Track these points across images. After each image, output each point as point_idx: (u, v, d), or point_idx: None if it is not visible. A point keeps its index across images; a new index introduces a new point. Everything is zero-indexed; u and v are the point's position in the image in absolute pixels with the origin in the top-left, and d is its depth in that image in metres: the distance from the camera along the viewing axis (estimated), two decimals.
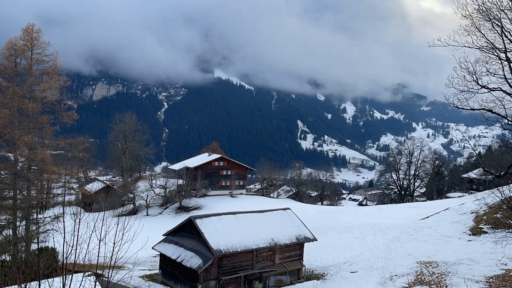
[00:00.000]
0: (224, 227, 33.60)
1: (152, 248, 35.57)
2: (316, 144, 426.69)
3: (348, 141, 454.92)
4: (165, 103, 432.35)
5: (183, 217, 61.14)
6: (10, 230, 38.21)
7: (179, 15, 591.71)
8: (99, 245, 12.69)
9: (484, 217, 41.27)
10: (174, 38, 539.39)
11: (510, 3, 22.38)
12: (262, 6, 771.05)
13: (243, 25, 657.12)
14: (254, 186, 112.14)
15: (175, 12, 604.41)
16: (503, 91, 24.10)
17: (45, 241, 37.49)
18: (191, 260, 31.62)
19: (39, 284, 12.17)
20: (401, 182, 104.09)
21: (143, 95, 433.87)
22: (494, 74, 23.93)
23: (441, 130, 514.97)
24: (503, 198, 26.07)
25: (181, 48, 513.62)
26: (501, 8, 22.45)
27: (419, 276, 29.99)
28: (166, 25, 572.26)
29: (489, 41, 23.42)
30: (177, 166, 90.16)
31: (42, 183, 47.90)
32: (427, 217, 51.59)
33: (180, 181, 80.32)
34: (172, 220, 64.25)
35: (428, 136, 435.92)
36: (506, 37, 22.97)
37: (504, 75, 23.56)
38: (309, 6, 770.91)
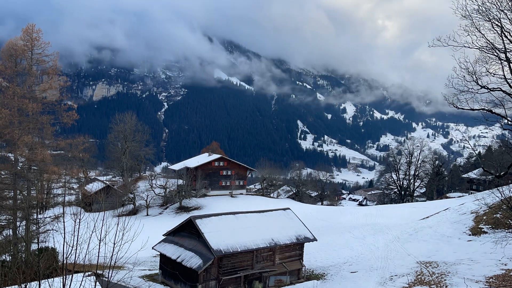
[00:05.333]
0: (224, 227, 33.60)
1: (152, 248, 35.59)
2: (316, 144, 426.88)
3: (348, 141, 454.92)
4: (165, 103, 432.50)
5: (183, 217, 61.22)
6: (10, 230, 38.21)
7: (180, 16, 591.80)
8: (99, 245, 12.68)
9: (484, 217, 41.23)
10: (174, 38, 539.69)
11: (510, 3, 22.39)
12: (262, 6, 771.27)
13: (243, 25, 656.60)
14: (254, 186, 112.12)
15: (175, 12, 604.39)
16: (503, 91, 24.09)
17: (45, 241, 37.50)
18: (191, 260, 31.62)
19: (39, 284, 12.15)
20: (401, 182, 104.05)
21: (143, 95, 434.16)
22: (494, 74, 23.93)
23: (441, 130, 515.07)
24: (503, 198, 26.06)
25: (181, 48, 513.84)
26: (500, 8, 22.45)
27: (419, 276, 29.98)
28: (166, 25, 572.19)
29: (489, 41, 23.42)
30: (177, 166, 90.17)
31: (42, 183, 47.97)
32: (427, 217, 51.57)
33: (180, 181, 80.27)
34: (172, 220, 64.24)
35: (428, 136, 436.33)
36: (506, 37, 22.96)
37: (504, 75, 23.56)
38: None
